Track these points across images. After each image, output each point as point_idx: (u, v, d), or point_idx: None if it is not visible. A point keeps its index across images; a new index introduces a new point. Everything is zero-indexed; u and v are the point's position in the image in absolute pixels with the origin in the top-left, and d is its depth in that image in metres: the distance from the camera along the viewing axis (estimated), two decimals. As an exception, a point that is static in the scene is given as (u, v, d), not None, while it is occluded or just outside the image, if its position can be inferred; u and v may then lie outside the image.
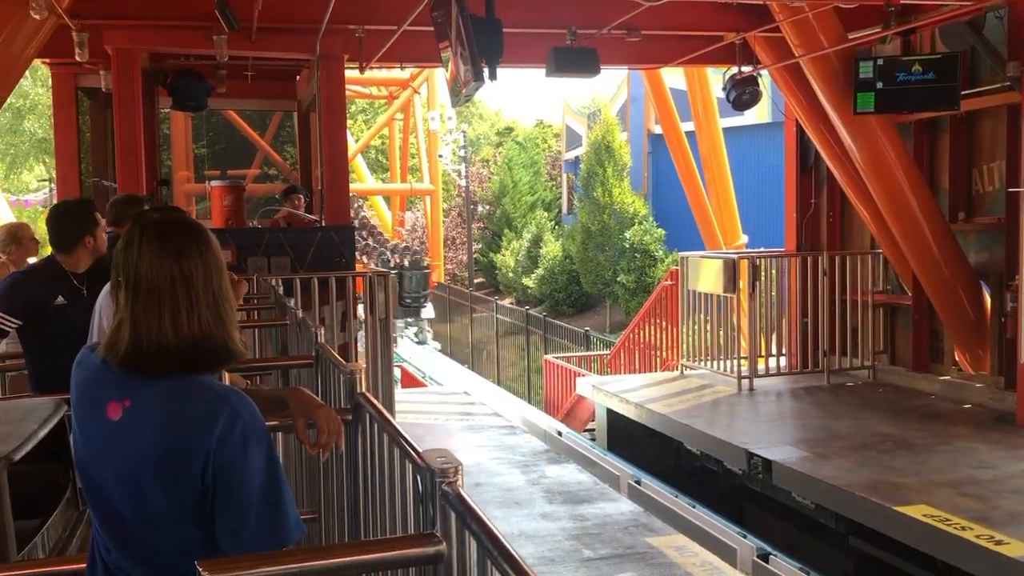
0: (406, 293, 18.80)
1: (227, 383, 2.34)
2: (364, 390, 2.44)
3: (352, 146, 22.53)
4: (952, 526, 4.83)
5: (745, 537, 5.60)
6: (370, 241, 20.34)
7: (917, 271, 7.94)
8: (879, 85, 7.23)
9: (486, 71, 5.74)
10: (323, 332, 3.45)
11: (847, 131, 7.62)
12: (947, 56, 7.36)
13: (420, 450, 1.71)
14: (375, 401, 2.28)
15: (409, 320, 20.05)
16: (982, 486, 5.51)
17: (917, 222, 7.60)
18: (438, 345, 21.18)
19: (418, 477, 1.64)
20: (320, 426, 2.17)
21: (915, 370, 8.46)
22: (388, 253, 19.12)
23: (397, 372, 12.14)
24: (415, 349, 19.41)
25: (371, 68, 9.53)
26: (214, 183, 9.64)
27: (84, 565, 1.91)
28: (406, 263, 19.04)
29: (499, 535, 1.37)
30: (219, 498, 1.71)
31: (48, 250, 4.23)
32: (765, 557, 5.33)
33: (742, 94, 9.14)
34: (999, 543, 4.58)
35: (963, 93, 7.32)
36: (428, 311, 20.43)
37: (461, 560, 1.52)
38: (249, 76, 10.13)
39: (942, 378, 8.20)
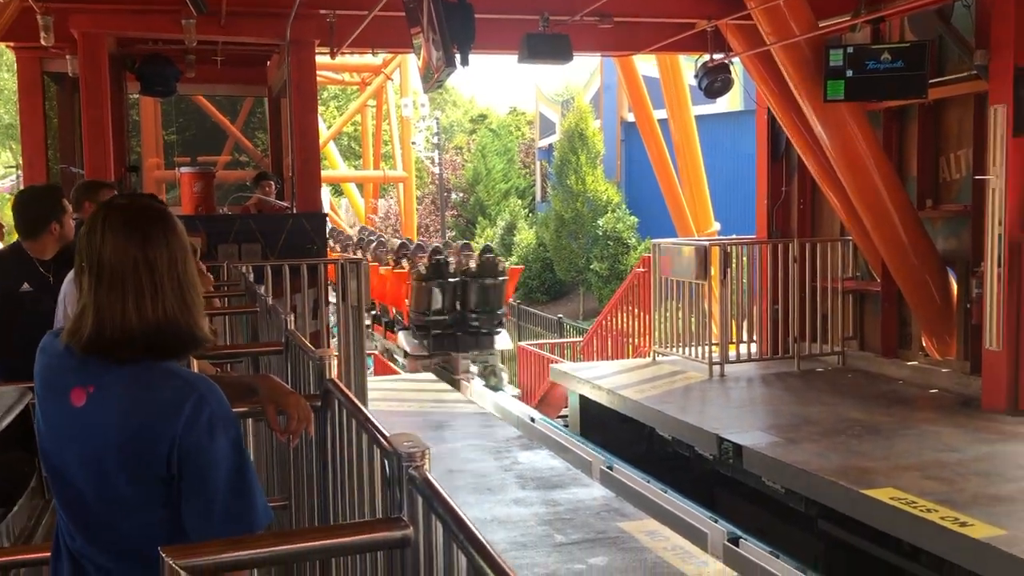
0: (472, 312, 12.36)
1: (196, 370, 2.33)
2: (333, 376, 2.43)
3: (324, 132, 22.42)
4: (918, 508, 4.90)
5: (716, 521, 5.65)
6: (407, 241, 15.51)
7: (886, 258, 8.02)
8: (849, 73, 7.29)
9: (458, 57, 5.73)
10: (294, 319, 3.43)
11: (817, 119, 7.67)
12: (916, 44, 7.42)
13: (388, 435, 1.71)
14: (344, 387, 2.28)
15: (476, 354, 12.69)
16: (947, 469, 5.60)
17: (886, 209, 7.68)
18: (517, 391, 12.89)
19: (386, 462, 1.64)
20: (290, 413, 2.17)
21: (884, 356, 8.56)
22: (444, 253, 12.87)
23: (370, 360, 12.08)
24: (489, 398, 11.05)
25: (342, 54, 9.47)
26: (184, 169, 9.56)
27: (49, 554, 1.90)
28: (472, 266, 12.54)
29: (465, 519, 1.37)
30: (185, 482, 1.70)
31: (15, 237, 4.19)
32: (735, 541, 5.38)
33: (714, 82, 9.18)
34: (963, 525, 4.65)
35: (931, 81, 7.39)
36: (503, 340, 12.93)
37: (428, 544, 1.52)
38: (219, 61, 10.03)
39: (910, 363, 8.30)
